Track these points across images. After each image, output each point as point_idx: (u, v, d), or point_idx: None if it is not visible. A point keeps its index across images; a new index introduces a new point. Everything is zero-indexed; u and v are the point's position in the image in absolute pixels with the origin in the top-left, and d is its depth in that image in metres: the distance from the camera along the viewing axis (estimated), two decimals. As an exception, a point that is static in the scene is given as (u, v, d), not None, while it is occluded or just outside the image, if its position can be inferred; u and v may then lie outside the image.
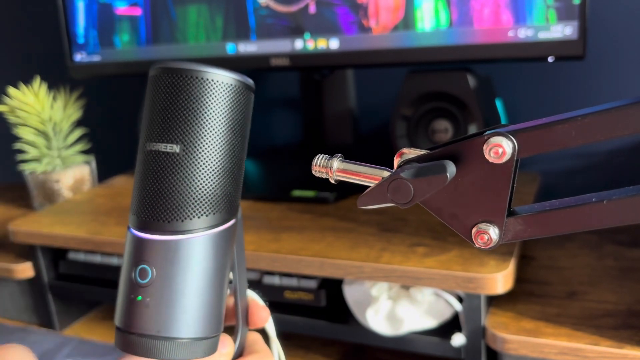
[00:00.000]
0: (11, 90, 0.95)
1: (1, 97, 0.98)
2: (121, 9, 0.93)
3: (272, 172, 0.99)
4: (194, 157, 0.34)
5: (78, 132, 1.01)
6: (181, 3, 0.88)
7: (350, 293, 0.66)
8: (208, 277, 0.35)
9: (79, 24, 0.96)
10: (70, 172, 0.98)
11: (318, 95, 0.95)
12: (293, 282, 0.68)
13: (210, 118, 0.34)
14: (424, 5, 0.75)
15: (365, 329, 0.65)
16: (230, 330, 0.41)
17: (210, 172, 0.34)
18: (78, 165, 1.00)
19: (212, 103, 0.34)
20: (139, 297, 0.34)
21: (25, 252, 0.86)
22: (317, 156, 0.35)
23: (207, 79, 0.34)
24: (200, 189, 0.34)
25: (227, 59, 0.87)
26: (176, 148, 0.34)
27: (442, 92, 0.76)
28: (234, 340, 0.40)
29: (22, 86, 0.96)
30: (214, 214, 0.35)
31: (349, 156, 0.35)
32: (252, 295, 0.43)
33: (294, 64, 0.84)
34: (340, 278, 0.65)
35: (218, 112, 0.34)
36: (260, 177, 0.98)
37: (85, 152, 1.03)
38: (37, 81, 0.97)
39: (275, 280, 0.69)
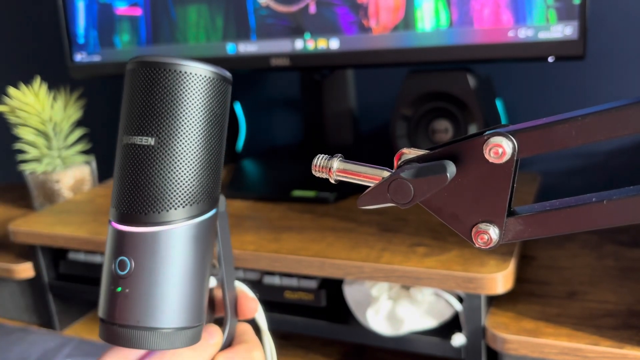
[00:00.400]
0: (11, 90, 0.96)
1: (1, 97, 0.99)
2: (121, 9, 0.93)
3: (272, 172, 0.99)
4: (169, 149, 0.34)
5: (78, 132, 1.02)
6: (181, 3, 0.88)
7: (351, 293, 0.66)
8: (187, 267, 0.35)
9: (79, 24, 0.97)
10: (70, 172, 0.98)
11: (318, 95, 0.95)
12: (293, 282, 0.68)
13: (185, 110, 0.34)
14: (424, 5, 0.75)
15: (365, 329, 0.65)
16: (220, 322, 0.41)
17: (186, 164, 0.34)
18: (78, 166, 1.00)
19: (186, 95, 0.34)
20: (119, 289, 0.35)
21: (26, 252, 0.86)
22: (317, 156, 0.35)
23: (182, 72, 0.34)
24: (176, 180, 0.34)
25: (227, 59, 0.87)
26: (151, 140, 0.34)
27: (442, 92, 0.76)
28: (223, 331, 0.40)
29: (23, 86, 0.97)
30: (191, 205, 0.35)
31: (349, 156, 0.35)
32: (241, 287, 0.44)
33: (294, 64, 0.84)
34: (341, 278, 0.65)
35: (193, 104, 0.34)
36: (261, 177, 0.98)
37: (85, 152, 1.03)
38: (37, 81, 0.97)
39: (276, 281, 0.69)
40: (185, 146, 0.34)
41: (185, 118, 0.34)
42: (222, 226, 0.39)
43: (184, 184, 0.35)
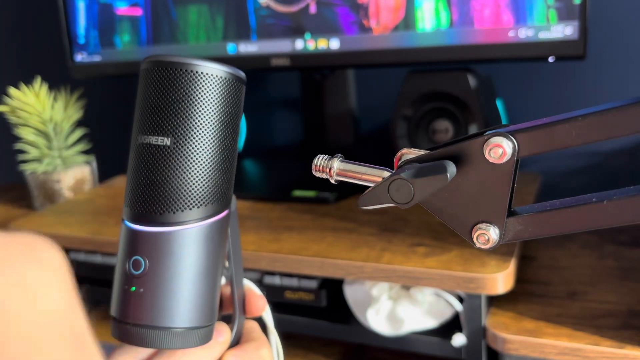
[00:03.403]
0: (12, 90, 0.96)
1: (2, 97, 0.99)
2: (122, 9, 0.93)
3: (272, 172, 0.99)
4: (184, 149, 0.34)
5: (79, 132, 1.02)
6: (181, 3, 0.88)
7: (351, 293, 0.66)
8: (201, 267, 0.35)
9: (80, 24, 0.97)
10: (70, 172, 0.98)
11: (318, 95, 0.95)
12: (294, 282, 0.68)
13: (200, 110, 0.34)
14: (425, 5, 0.75)
15: (365, 329, 0.65)
16: (228, 319, 0.41)
17: (201, 164, 0.34)
18: (79, 166, 1.00)
19: (202, 95, 0.34)
20: (133, 288, 0.35)
21: (26, 252, 0.86)
22: (318, 156, 0.35)
23: (198, 72, 0.34)
24: (191, 181, 0.34)
25: (227, 59, 0.87)
26: (167, 141, 0.34)
27: (442, 92, 0.76)
28: (231, 329, 0.40)
29: (23, 86, 0.97)
30: (206, 205, 0.35)
31: (349, 156, 0.35)
32: (249, 285, 0.44)
33: (294, 64, 0.84)
34: (341, 278, 0.65)
35: (209, 105, 0.34)
36: (261, 177, 0.98)
37: (85, 152, 1.03)
38: (37, 81, 0.97)
39: (276, 281, 0.69)
40: (200, 146, 0.34)
41: (201, 118, 0.34)
42: (232, 225, 0.39)
43: (198, 185, 0.35)
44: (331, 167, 0.34)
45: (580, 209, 0.30)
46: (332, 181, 0.35)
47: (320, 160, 0.35)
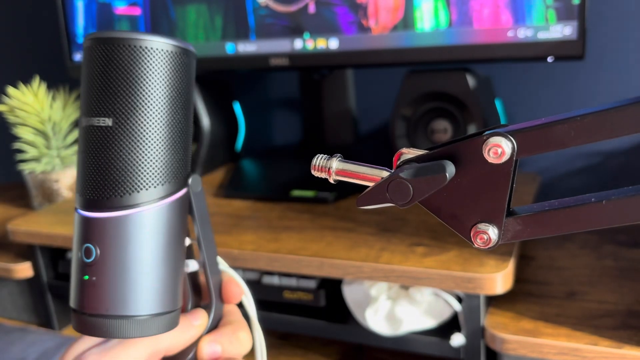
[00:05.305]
0: (10, 89, 0.95)
1: (0, 96, 0.98)
2: (120, 8, 0.92)
3: (271, 172, 0.98)
4: (127, 128, 0.33)
5: (77, 132, 1.01)
6: (180, 3, 0.88)
7: (350, 293, 0.66)
8: (156, 251, 0.34)
9: (79, 24, 0.96)
10: (69, 172, 0.98)
11: (318, 95, 0.95)
12: (292, 282, 0.68)
13: (142, 87, 0.33)
14: (424, 5, 0.75)
15: (364, 329, 0.65)
16: (207, 309, 0.41)
17: (148, 143, 0.33)
18: (77, 165, 1.00)
19: (143, 71, 0.33)
20: (86, 277, 0.34)
21: (25, 251, 0.86)
22: (316, 156, 0.35)
23: (137, 46, 0.33)
24: (138, 161, 0.33)
25: (226, 59, 0.87)
26: (108, 121, 0.33)
27: (441, 92, 0.76)
28: (209, 314, 0.40)
29: (22, 86, 0.96)
30: (156, 186, 0.34)
31: (348, 156, 0.35)
32: (230, 272, 0.42)
33: (293, 64, 0.84)
34: (340, 278, 0.65)
35: (151, 80, 0.33)
36: (260, 177, 0.98)
37: (84, 151, 1.03)
38: (36, 81, 0.97)
39: (275, 280, 0.69)
40: (145, 125, 0.33)
41: (144, 95, 0.33)
42: (198, 207, 0.38)
43: (147, 165, 0.33)
44: (330, 167, 0.34)
45: (579, 209, 0.30)
46: (331, 181, 0.35)
47: (319, 160, 0.35)
